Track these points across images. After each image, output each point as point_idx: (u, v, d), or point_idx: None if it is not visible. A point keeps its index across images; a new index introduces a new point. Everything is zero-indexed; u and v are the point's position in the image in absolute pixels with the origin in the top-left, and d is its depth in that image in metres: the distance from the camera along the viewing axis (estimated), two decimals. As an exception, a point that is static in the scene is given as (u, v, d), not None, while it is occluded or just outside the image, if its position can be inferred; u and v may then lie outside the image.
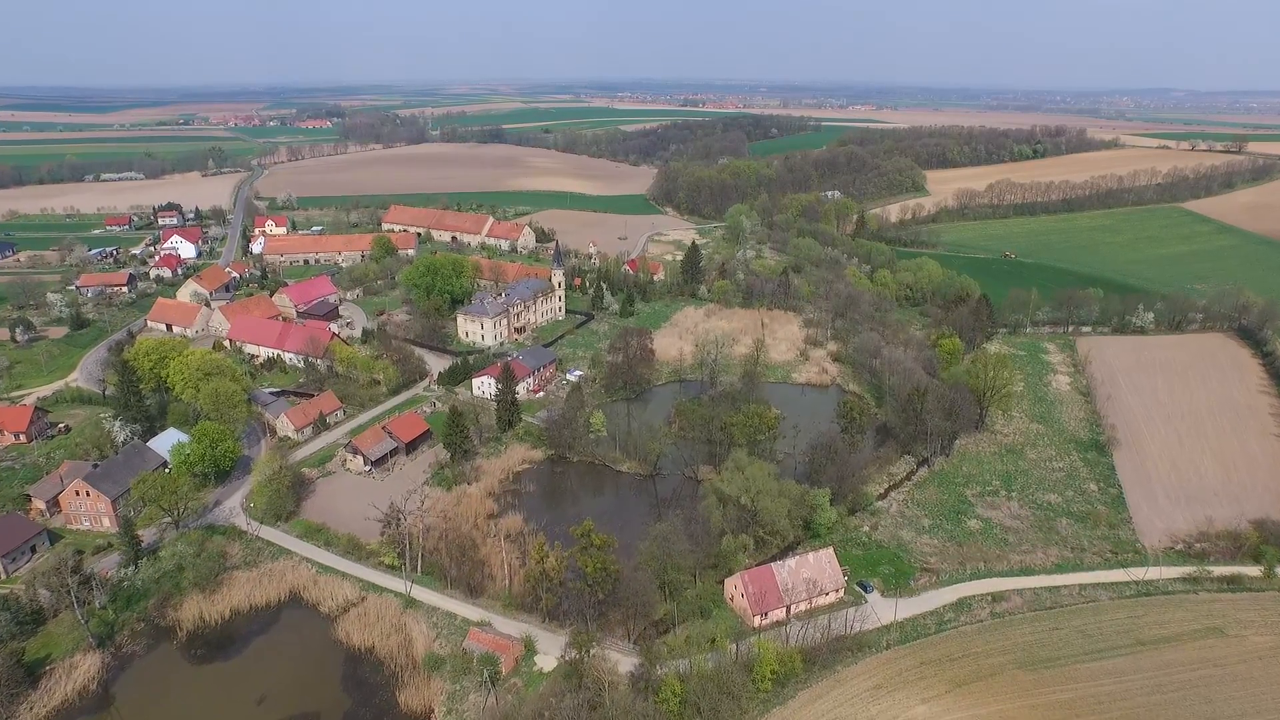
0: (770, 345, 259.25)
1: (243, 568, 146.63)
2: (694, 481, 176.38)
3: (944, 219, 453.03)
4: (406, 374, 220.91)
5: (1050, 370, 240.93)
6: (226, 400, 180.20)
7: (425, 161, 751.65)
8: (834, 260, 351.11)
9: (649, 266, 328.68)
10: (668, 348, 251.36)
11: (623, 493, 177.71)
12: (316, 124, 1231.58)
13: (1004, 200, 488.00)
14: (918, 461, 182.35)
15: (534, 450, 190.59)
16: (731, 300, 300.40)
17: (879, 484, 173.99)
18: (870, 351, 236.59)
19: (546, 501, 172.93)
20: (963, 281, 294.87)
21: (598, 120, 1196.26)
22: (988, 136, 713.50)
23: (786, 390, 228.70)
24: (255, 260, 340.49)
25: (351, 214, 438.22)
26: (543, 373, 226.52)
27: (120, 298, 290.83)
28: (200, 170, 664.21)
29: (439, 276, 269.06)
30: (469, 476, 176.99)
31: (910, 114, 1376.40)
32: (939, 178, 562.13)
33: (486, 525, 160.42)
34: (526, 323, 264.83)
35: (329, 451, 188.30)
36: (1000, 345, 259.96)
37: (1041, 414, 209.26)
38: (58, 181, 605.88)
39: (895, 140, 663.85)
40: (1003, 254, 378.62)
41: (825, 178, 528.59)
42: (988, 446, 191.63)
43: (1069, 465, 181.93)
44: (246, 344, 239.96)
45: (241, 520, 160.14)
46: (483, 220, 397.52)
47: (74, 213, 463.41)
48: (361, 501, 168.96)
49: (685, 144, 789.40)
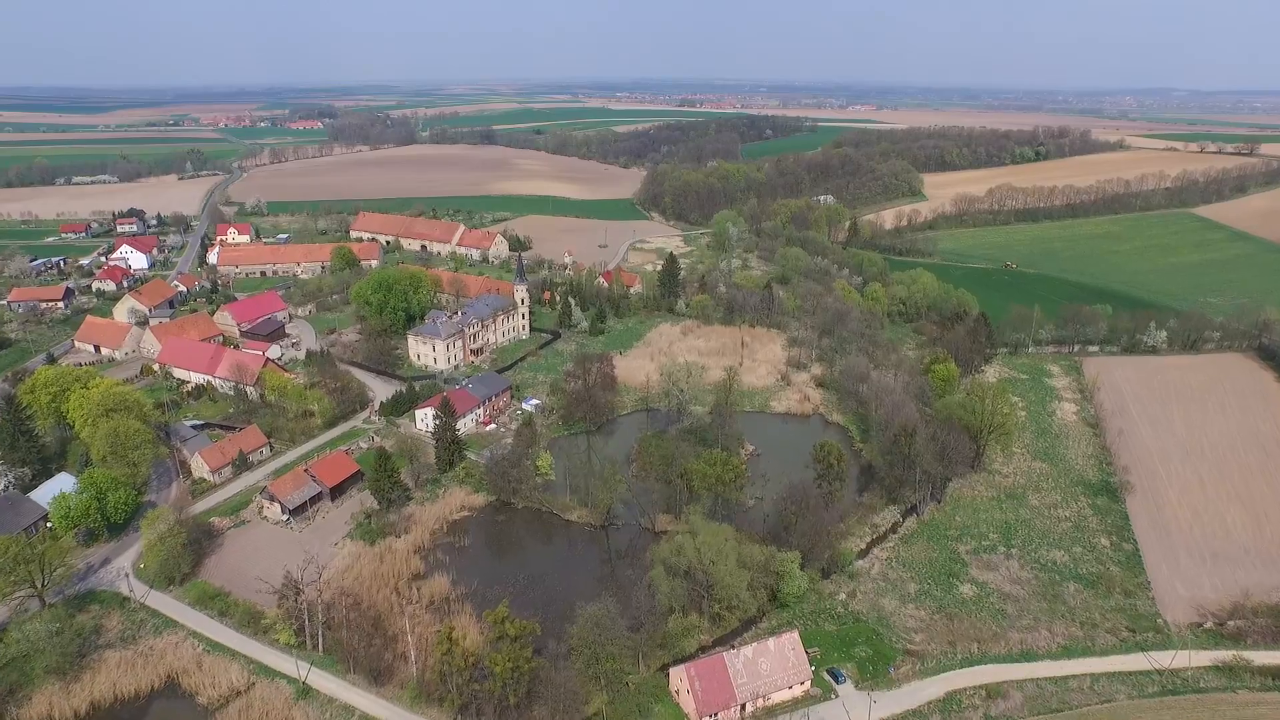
0: (750, 368, 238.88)
1: (118, 645, 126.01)
2: (651, 534, 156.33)
3: (941, 225, 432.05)
4: (345, 404, 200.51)
5: (1055, 397, 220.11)
6: (126, 441, 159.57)
7: (410, 164, 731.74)
8: (823, 271, 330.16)
9: (624, 279, 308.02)
10: (637, 371, 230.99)
11: (572, 545, 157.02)
12: (308, 125, 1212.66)
13: (1005, 205, 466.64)
14: (905, 510, 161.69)
15: (475, 495, 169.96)
16: (711, 316, 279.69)
17: (860, 537, 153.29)
18: (857, 376, 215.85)
19: (482, 558, 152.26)
20: (960, 296, 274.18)
21: (592, 121, 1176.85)
22: (989, 138, 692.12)
23: (764, 421, 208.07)
24: (210, 272, 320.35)
25: (320, 221, 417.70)
26: (495, 402, 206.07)
27: (54, 314, 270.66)
28: (177, 173, 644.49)
29: (392, 293, 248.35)
30: (397, 528, 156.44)
31: (911, 114, 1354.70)
32: (937, 181, 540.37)
33: (408, 590, 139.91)
34: (485, 343, 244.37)
35: (247, 496, 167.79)
36: (1000, 368, 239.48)
37: (1045, 450, 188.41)
38: (26, 185, 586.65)
39: (892, 142, 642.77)
40: (1003, 264, 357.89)
41: (818, 181, 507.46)
42: (985, 491, 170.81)
43: (1077, 514, 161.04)
44: (177, 369, 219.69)
45: (129, 584, 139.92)
46: (453, 228, 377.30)
47: (31, 218, 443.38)
48: (275, 558, 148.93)
49: (677, 145, 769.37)
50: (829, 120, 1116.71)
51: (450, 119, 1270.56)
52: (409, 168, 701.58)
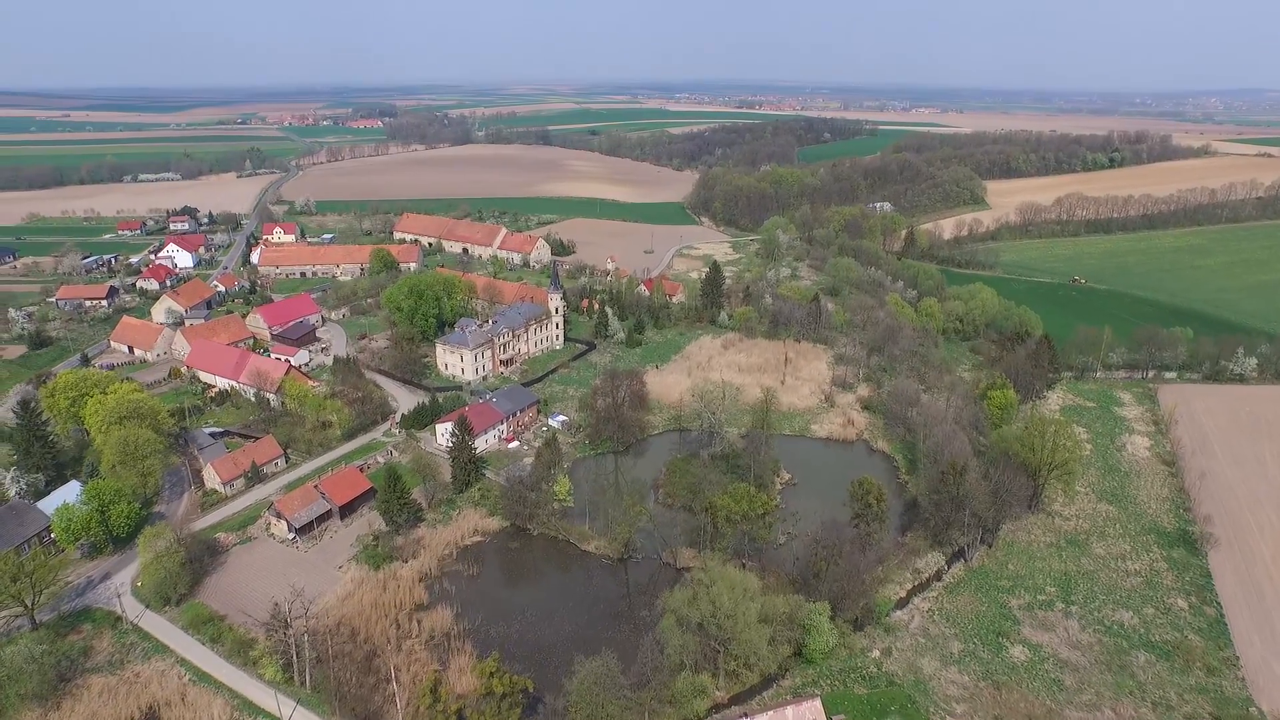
0: (792, 386, 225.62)
1: (105, 670, 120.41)
2: (672, 569, 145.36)
3: (1004, 236, 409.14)
4: (366, 415, 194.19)
5: (1125, 429, 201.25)
6: (137, 450, 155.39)
7: (463, 164, 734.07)
8: (875, 283, 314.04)
9: (665, 287, 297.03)
10: (672, 387, 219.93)
11: (587, 578, 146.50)
12: (368, 124, 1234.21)
13: (1074, 215, 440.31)
14: (951, 554, 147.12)
15: (490, 518, 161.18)
16: (755, 329, 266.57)
17: (899, 583, 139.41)
18: (907, 400, 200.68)
19: (491, 589, 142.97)
20: (1021, 314, 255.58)
21: (648, 123, 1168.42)
22: (1058, 143, 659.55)
23: (803, 446, 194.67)
24: (251, 272, 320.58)
25: (365, 221, 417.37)
26: (520, 417, 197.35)
27: (96, 313, 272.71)
28: (236, 171, 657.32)
29: (423, 299, 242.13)
30: (405, 552, 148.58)
31: (976, 118, 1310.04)
32: (1001, 189, 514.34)
33: (408, 623, 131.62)
34: (516, 354, 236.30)
35: (256, 511, 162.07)
36: (1064, 394, 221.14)
37: (1113, 490, 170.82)
38: (96, 182, 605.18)
39: (955, 147, 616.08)
40: (1071, 279, 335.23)
41: (875, 188, 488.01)
42: (1042, 535, 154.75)
43: (1149, 568, 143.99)
44: (203, 373, 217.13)
45: (125, 603, 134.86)
46: (495, 231, 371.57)
47: (93, 215, 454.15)
48: (276, 580, 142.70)
49: (732, 148, 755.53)
50: (890, 124, 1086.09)
51: (507, 119, 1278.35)
52: (461, 167, 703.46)
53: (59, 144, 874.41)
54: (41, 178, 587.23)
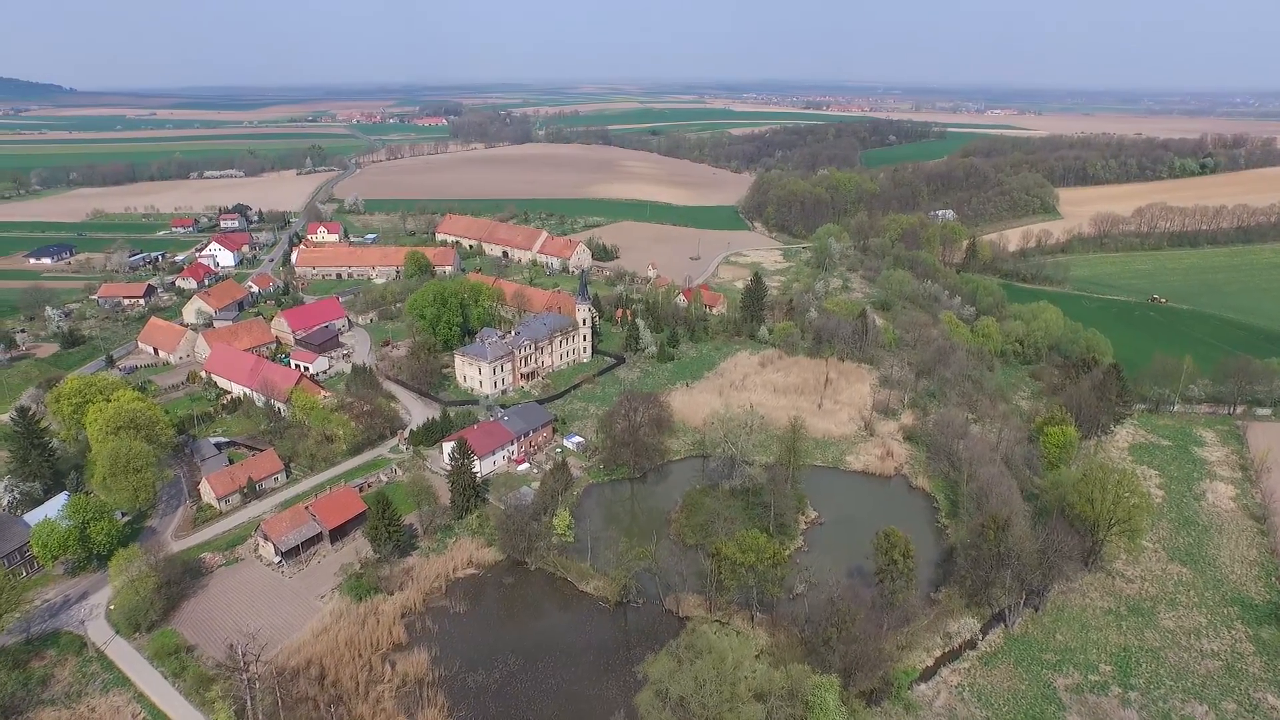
0: (829, 410, 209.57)
1: (60, 703, 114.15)
2: (675, 617, 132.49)
3: (1076, 249, 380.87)
4: (374, 429, 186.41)
5: (1205, 473, 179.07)
6: (129, 463, 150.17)
7: (518, 163, 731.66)
8: (931, 298, 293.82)
9: (705, 297, 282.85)
10: (701, 407, 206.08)
11: (581, 623, 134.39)
12: (432, 121, 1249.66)
13: (1156, 227, 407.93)
14: (990, 617, 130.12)
15: (487, 549, 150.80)
16: (796, 345, 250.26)
17: (927, 650, 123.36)
18: (954, 431, 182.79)
19: (476, 630, 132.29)
20: (1089, 338, 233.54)
21: (711, 123, 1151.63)
22: (1142, 147, 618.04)
23: (835, 480, 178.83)
24: (288, 273, 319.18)
25: (409, 221, 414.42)
26: (533, 437, 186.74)
27: (132, 312, 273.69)
28: (297, 169, 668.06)
29: (447, 307, 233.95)
30: (391, 583, 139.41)
31: (1055, 120, 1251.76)
32: (1075, 197, 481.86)
33: (381, 666, 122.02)
34: (539, 367, 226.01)
35: (247, 530, 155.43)
36: (1134, 430, 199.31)
37: (1188, 548, 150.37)
38: (164, 179, 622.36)
39: (1026, 151, 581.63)
40: (1149, 298, 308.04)
41: (937, 194, 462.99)
42: (1100, 599, 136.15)
43: (1230, 649, 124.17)
44: (220, 378, 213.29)
45: (94, 627, 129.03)
46: (535, 235, 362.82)
47: (152, 212, 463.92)
48: (255, 608, 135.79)
49: (793, 150, 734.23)
50: (961, 126, 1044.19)
51: (569, 118, 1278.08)
52: (516, 167, 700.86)
53: (138, 141, 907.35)
54: (115, 174, 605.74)
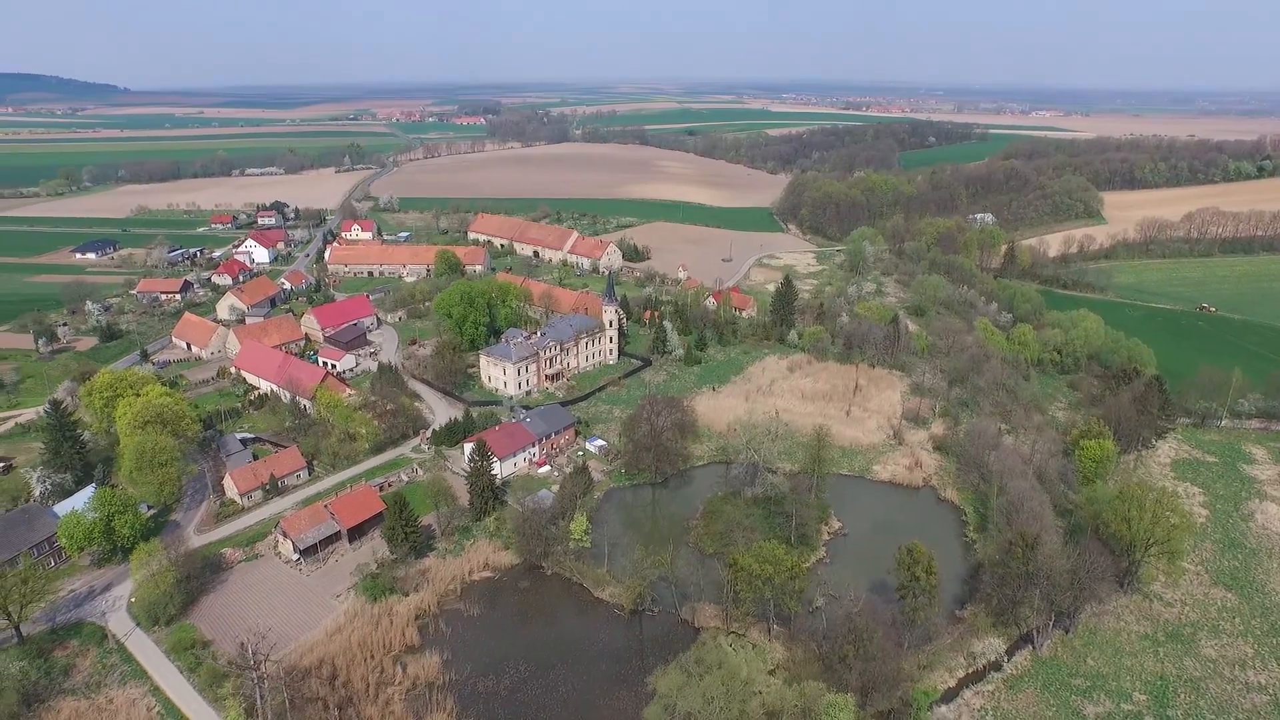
0: (858, 418, 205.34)
1: (80, 693, 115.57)
2: (690, 628, 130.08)
3: (1120, 255, 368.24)
4: (397, 428, 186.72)
5: (1254, 493, 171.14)
6: (154, 458, 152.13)
7: (554, 162, 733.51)
8: (966, 304, 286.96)
9: (735, 300, 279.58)
10: (726, 412, 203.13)
11: (595, 630, 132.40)
12: (471, 120, 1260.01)
13: (1207, 233, 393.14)
14: (1017, 638, 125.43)
15: (504, 552, 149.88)
16: (826, 351, 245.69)
17: (949, 670, 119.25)
18: (986, 442, 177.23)
19: (488, 634, 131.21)
20: (1131, 347, 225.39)
21: (749, 123, 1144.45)
22: (1194, 149, 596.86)
23: (861, 490, 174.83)
24: (320, 270, 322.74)
25: (442, 220, 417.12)
26: (555, 440, 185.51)
27: (170, 307, 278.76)
28: (335, 167, 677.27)
29: (474, 306, 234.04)
30: (407, 584, 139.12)
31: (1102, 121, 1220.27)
32: (1120, 201, 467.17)
33: (393, 668, 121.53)
34: (564, 368, 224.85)
35: (267, 526, 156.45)
36: (1178, 445, 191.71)
37: (1234, 572, 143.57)
38: (208, 176, 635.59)
39: (1070, 154, 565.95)
40: (1198, 307, 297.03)
41: (976, 197, 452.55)
42: (1136, 623, 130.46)
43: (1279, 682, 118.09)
44: (249, 374, 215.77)
45: (116, 620, 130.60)
46: (566, 235, 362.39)
47: (193, 209, 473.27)
48: (271, 604, 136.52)
49: (830, 151, 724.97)
50: (1004, 127, 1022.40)
51: (606, 117, 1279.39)
52: (551, 166, 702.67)
53: (184, 139, 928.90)
54: (160, 171, 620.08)
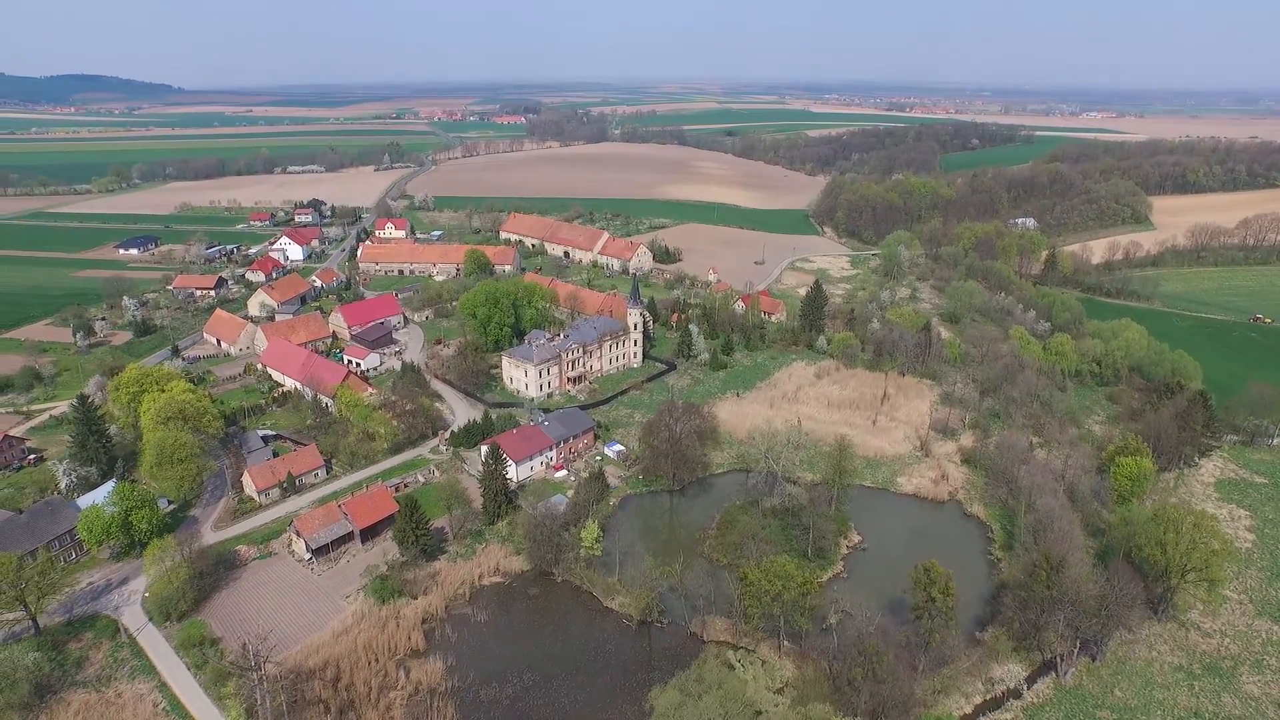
0: (884, 428, 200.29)
1: (91, 685, 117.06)
2: (699, 641, 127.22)
3: (1168, 262, 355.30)
4: (415, 428, 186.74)
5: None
6: (174, 454, 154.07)
7: (591, 162, 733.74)
8: (1003, 311, 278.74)
9: (764, 304, 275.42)
10: (749, 418, 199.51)
11: (602, 641, 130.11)
12: (511, 120, 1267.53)
13: (1264, 240, 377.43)
14: (1040, 664, 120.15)
15: (515, 557, 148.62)
16: (856, 357, 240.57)
17: (966, 695, 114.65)
18: (1016, 456, 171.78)
19: (494, 641, 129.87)
20: (1176, 360, 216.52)
21: (789, 124, 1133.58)
22: (1254, 152, 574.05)
23: (884, 502, 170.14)
24: (352, 268, 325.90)
25: (475, 219, 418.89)
26: (573, 444, 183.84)
27: (203, 303, 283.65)
28: (375, 165, 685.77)
29: (498, 307, 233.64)
30: (416, 587, 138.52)
31: (1157, 122, 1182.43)
32: (1170, 206, 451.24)
33: (396, 672, 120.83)
34: (587, 370, 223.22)
35: (282, 524, 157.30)
36: (1224, 463, 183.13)
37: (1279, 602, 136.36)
38: (250, 173, 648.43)
39: (1119, 157, 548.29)
40: (1250, 318, 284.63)
41: (1018, 201, 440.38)
42: (1170, 653, 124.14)
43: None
44: (275, 371, 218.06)
45: (130, 614, 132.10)
46: (597, 236, 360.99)
47: (234, 206, 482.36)
48: (281, 603, 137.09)
49: (870, 153, 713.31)
50: (1051, 129, 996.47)
51: (646, 117, 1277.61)
52: (587, 166, 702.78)
53: (231, 137, 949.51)
54: (205, 169, 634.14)
